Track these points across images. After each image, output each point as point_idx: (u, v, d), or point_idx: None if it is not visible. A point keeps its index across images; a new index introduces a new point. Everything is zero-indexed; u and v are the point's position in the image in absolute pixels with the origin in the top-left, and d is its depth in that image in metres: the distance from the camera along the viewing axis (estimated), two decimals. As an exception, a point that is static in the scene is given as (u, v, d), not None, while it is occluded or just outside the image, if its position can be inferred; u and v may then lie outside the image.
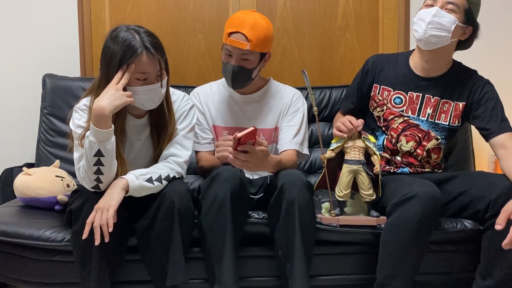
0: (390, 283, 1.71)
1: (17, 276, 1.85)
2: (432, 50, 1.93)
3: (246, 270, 1.85)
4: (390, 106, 2.03)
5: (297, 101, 2.07)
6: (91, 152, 1.60)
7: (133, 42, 1.64)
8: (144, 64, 1.65)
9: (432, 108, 1.99)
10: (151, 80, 1.68)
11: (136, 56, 1.63)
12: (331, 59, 2.72)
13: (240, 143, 1.65)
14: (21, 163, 2.38)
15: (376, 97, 2.06)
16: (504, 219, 1.60)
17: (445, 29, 1.87)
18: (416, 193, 1.71)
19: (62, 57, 2.58)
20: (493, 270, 1.74)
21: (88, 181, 1.67)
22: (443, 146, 2.02)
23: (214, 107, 2.07)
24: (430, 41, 1.91)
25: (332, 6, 2.69)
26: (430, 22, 1.88)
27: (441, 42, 1.90)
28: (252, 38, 1.88)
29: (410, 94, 2.01)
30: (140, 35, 1.67)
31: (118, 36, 1.66)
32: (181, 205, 1.68)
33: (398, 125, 2.02)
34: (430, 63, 1.99)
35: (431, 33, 1.88)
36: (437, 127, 2.00)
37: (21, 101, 2.58)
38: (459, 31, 1.91)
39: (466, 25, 1.91)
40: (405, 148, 2.01)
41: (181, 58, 2.68)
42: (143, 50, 1.64)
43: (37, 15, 2.57)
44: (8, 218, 1.93)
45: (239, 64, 1.92)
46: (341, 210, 1.86)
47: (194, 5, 2.66)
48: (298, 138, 2.00)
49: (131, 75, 1.65)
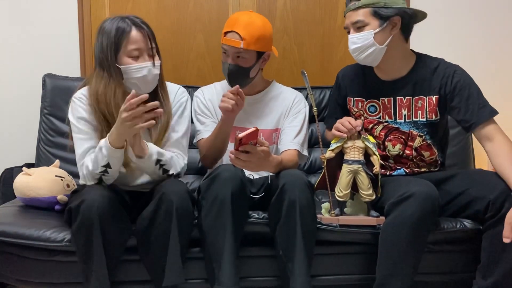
0: (389, 282, 1.72)
1: (17, 276, 1.85)
2: (381, 60, 1.92)
3: (246, 270, 1.85)
4: (367, 116, 2.03)
5: (298, 102, 2.08)
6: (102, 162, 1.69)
7: (121, 24, 1.75)
8: (134, 38, 1.74)
9: (406, 109, 1.97)
10: (143, 57, 1.76)
11: (126, 33, 1.73)
12: (331, 59, 2.72)
13: (241, 144, 1.65)
14: (21, 163, 2.38)
15: (352, 109, 2.06)
16: (510, 231, 1.63)
17: (367, 46, 1.86)
18: (413, 193, 1.71)
19: (62, 57, 2.58)
20: (493, 270, 1.74)
21: (91, 179, 1.74)
22: (430, 142, 2.00)
23: (218, 106, 2.08)
24: (368, 60, 1.91)
25: (332, 6, 2.70)
26: (353, 51, 1.89)
27: (377, 54, 1.89)
28: (245, 36, 1.91)
29: (382, 100, 2.00)
30: (128, 17, 1.78)
31: (104, 27, 1.77)
32: (179, 206, 1.68)
33: (380, 132, 2.01)
34: (387, 69, 1.97)
35: (362, 56, 1.89)
36: (417, 125, 1.98)
37: (21, 101, 2.58)
38: (385, 33, 1.87)
39: (385, 23, 1.85)
40: (394, 152, 2.01)
41: (181, 58, 2.68)
42: (132, 26, 1.75)
43: (37, 15, 2.57)
44: (8, 218, 1.93)
45: (235, 62, 1.95)
46: (341, 210, 1.86)
47: (194, 6, 2.66)
48: (299, 139, 2.02)
49: (124, 54, 1.74)
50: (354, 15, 1.87)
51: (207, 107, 2.08)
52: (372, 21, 1.85)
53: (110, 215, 1.66)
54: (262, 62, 2.01)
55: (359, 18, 1.85)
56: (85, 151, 1.77)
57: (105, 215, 1.64)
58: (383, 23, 1.85)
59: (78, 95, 1.83)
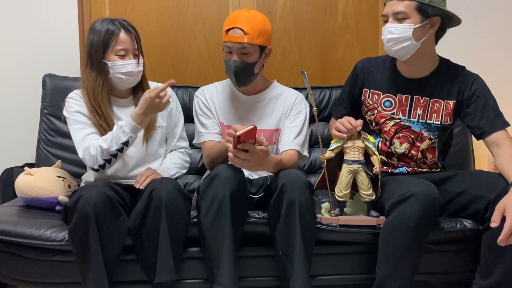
0: (388, 283, 1.72)
1: (17, 276, 1.85)
2: (411, 56, 1.93)
3: (245, 270, 1.85)
4: (380, 110, 2.03)
5: (299, 103, 2.08)
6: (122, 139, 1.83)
7: (111, 27, 1.91)
8: (122, 40, 1.91)
9: (422, 109, 1.99)
10: (128, 56, 1.92)
11: (115, 35, 1.90)
12: (331, 59, 2.72)
13: (240, 141, 1.65)
14: (21, 163, 2.39)
15: (367, 101, 2.06)
16: (498, 216, 1.61)
17: (404, 39, 1.86)
18: (413, 193, 1.71)
19: (62, 57, 2.58)
20: (493, 270, 1.74)
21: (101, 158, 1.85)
22: (437, 145, 2.02)
23: (219, 105, 2.08)
24: (399, 54, 1.91)
25: (332, 6, 2.70)
26: (388, 41, 1.89)
27: (410, 50, 1.89)
28: (248, 31, 1.91)
29: (399, 96, 2.00)
30: (117, 20, 1.94)
31: (95, 27, 1.93)
32: (168, 202, 1.70)
33: (390, 128, 2.02)
34: (413, 66, 1.98)
35: (395, 48, 1.89)
36: (429, 127, 2.00)
37: (21, 101, 2.58)
38: (423, 30, 1.88)
39: (426, 20, 1.86)
40: (399, 150, 2.01)
41: (181, 58, 2.68)
42: (121, 29, 1.92)
43: (37, 15, 2.57)
44: (9, 217, 1.93)
45: (240, 59, 1.94)
46: (341, 210, 1.86)
47: (194, 6, 2.66)
48: (299, 139, 2.01)
49: (112, 52, 1.90)
50: (397, 5, 1.87)
51: (208, 107, 2.08)
52: (414, 15, 1.86)
53: (107, 212, 1.67)
54: (264, 58, 2.02)
55: (402, 9, 1.85)
56: (84, 136, 1.89)
57: (102, 212, 1.65)
58: (424, 20, 1.86)
59: (72, 94, 1.99)
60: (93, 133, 1.91)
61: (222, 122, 2.07)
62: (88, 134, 1.90)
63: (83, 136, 1.89)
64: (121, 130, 1.83)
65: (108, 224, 1.68)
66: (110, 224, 1.68)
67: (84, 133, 1.90)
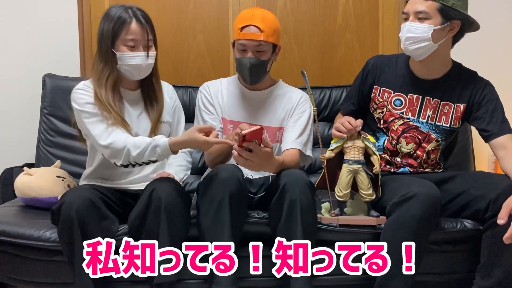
0: (389, 283, 1.72)
1: (17, 276, 1.85)
2: (426, 57, 1.93)
3: (245, 270, 1.85)
4: (390, 108, 2.03)
5: (304, 102, 2.08)
6: (152, 158, 1.76)
7: (123, 14, 1.82)
8: (133, 30, 1.82)
9: (432, 110, 1.99)
10: (138, 48, 1.84)
11: (126, 24, 1.81)
12: (331, 59, 2.72)
13: (245, 140, 1.65)
14: (21, 163, 2.39)
15: (377, 99, 2.06)
16: (506, 213, 1.61)
17: (423, 39, 1.87)
18: (415, 193, 1.71)
19: (62, 57, 2.58)
20: (493, 270, 1.74)
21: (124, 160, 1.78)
22: (442, 147, 2.03)
23: (223, 100, 2.08)
24: (416, 54, 1.92)
25: (332, 6, 2.70)
26: (406, 39, 1.89)
27: (427, 51, 1.90)
28: (264, 28, 1.92)
29: (410, 96, 2.01)
30: (132, 8, 1.85)
31: (110, 13, 1.84)
32: (168, 203, 1.69)
33: (398, 127, 2.02)
34: (427, 67, 1.98)
35: (412, 48, 1.89)
36: (438, 129, 2.00)
37: (21, 101, 2.58)
38: (442, 33, 1.89)
39: (446, 23, 1.87)
40: (405, 149, 2.01)
41: (181, 58, 2.68)
42: (133, 19, 1.82)
43: (37, 15, 2.57)
44: (8, 218, 1.93)
45: (255, 56, 1.94)
46: (341, 210, 1.86)
47: (194, 5, 2.66)
48: (302, 139, 2.01)
49: (121, 42, 1.82)
50: (419, 4, 1.87)
51: (212, 102, 2.07)
52: (435, 17, 1.86)
53: (91, 216, 1.66)
54: (275, 55, 2.03)
55: (424, 9, 1.86)
56: (104, 129, 1.80)
57: (85, 215, 1.65)
58: (445, 22, 1.87)
59: (80, 85, 1.89)
60: (113, 126, 1.81)
61: (224, 117, 2.06)
62: (105, 128, 1.81)
63: (101, 131, 1.80)
64: (153, 149, 1.75)
65: (93, 227, 1.66)
66: (94, 228, 1.67)
67: (101, 127, 1.80)
